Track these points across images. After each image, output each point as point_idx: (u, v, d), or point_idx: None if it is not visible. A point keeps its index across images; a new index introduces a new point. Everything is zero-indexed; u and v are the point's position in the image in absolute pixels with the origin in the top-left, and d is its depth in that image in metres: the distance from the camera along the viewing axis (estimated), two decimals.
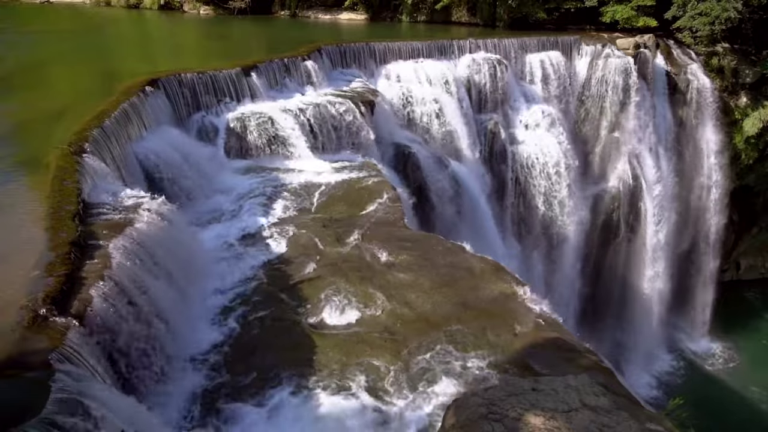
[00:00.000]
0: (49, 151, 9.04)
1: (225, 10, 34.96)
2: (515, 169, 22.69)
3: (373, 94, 17.23)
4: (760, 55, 28.16)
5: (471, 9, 31.02)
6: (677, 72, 27.71)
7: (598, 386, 4.57)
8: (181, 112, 13.64)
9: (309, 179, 12.76)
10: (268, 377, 7.04)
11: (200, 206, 11.42)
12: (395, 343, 7.54)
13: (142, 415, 5.49)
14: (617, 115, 25.84)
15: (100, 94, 12.40)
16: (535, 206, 23.40)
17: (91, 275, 6.29)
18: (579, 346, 7.09)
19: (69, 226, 6.94)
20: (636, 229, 27.43)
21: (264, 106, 14.73)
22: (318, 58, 17.83)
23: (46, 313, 5.39)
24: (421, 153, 17.53)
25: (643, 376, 27.46)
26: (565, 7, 29.08)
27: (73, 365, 5.01)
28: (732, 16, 25.42)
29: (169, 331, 7.05)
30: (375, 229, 10.27)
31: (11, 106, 12.61)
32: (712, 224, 30.04)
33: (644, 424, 4.16)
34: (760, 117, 27.95)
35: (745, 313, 31.74)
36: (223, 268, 9.26)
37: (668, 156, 28.10)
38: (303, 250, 9.65)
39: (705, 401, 24.62)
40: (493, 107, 22.32)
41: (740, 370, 28.22)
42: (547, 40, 24.94)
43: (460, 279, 8.72)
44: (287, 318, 8.12)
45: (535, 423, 4.05)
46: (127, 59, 20.28)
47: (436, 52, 21.38)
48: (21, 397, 4.54)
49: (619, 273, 27.82)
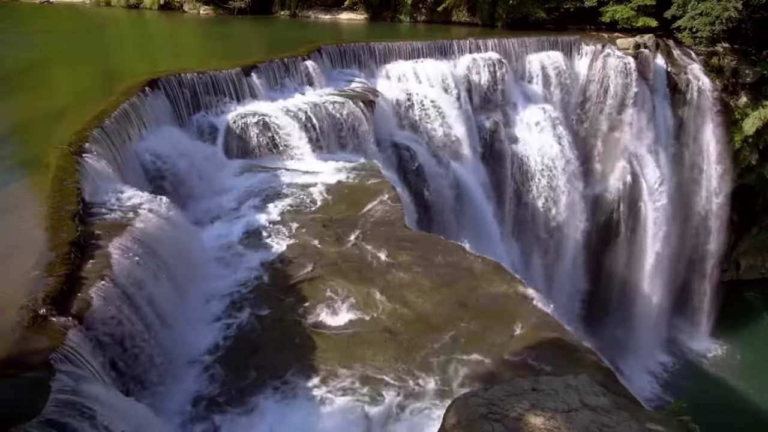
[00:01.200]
0: (49, 151, 9.03)
1: (225, 10, 34.95)
2: (515, 169, 22.68)
3: (373, 94, 17.23)
4: (760, 55, 28.14)
5: (471, 9, 31.02)
6: (677, 72, 27.71)
7: (598, 386, 4.57)
8: (181, 112, 13.64)
9: (309, 179, 12.75)
10: (268, 377, 7.04)
11: (200, 206, 11.41)
12: (395, 343, 7.54)
13: (142, 415, 5.49)
14: (617, 115, 25.83)
15: (100, 94, 12.40)
16: (534, 206, 23.40)
17: (91, 275, 6.29)
18: (579, 346, 7.10)
19: (69, 226, 6.94)
20: (636, 229, 27.43)
21: (264, 106, 14.72)
22: (318, 58, 17.83)
23: (46, 313, 5.39)
24: (421, 153, 17.53)
25: (643, 376, 27.46)
26: (565, 7, 29.07)
27: (73, 365, 5.01)
28: (732, 16, 25.40)
29: (169, 331, 7.05)
30: (375, 229, 10.27)
31: (11, 106, 12.62)
32: (712, 224, 30.03)
33: (644, 424, 4.16)
34: (760, 117, 27.92)
35: (745, 313, 31.73)
36: (223, 267, 9.26)
37: (668, 156, 28.10)
38: (303, 250, 9.65)
39: (705, 401, 24.63)
40: (493, 107, 22.31)
41: (740, 369, 28.21)
42: (547, 40, 24.93)
43: (460, 279, 8.72)
44: (287, 318, 8.12)
45: (535, 423, 4.05)
46: (127, 59, 20.28)
47: (436, 52, 21.37)
48: (21, 397, 4.54)
49: (619, 273, 27.81)
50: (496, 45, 23.03)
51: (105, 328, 5.95)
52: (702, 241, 30.30)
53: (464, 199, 18.16)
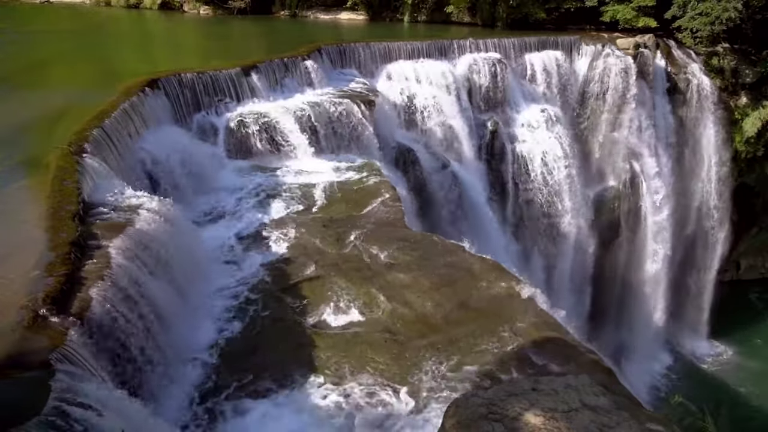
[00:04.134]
0: (50, 151, 9.04)
1: (225, 10, 34.94)
2: (515, 169, 22.68)
3: (373, 93, 17.22)
4: (760, 55, 28.14)
5: (471, 9, 31.02)
6: (677, 72, 27.71)
7: (598, 386, 4.56)
8: (182, 111, 13.64)
9: (309, 179, 12.76)
10: (268, 377, 7.05)
11: (200, 206, 11.42)
12: (395, 343, 7.54)
13: (142, 415, 5.49)
14: (617, 115, 25.82)
15: (100, 93, 12.38)
16: (534, 206, 23.40)
17: (91, 275, 6.29)
18: (579, 346, 7.10)
19: (69, 226, 6.93)
20: (636, 228, 27.42)
21: (264, 106, 14.72)
22: (318, 58, 17.82)
23: (46, 313, 5.39)
24: (421, 153, 17.54)
25: (644, 376, 27.45)
26: (565, 7, 29.06)
27: (73, 365, 5.01)
28: (732, 16, 25.39)
29: (168, 331, 7.05)
30: (375, 229, 10.27)
31: (11, 105, 12.60)
32: (711, 224, 30.03)
33: (644, 424, 4.15)
34: (760, 117, 27.93)
35: (745, 313, 31.71)
36: (223, 267, 9.26)
37: (668, 156, 28.08)
38: (303, 250, 9.65)
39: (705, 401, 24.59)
40: (493, 107, 22.31)
41: (740, 369, 28.21)
42: (547, 40, 24.93)
43: (460, 279, 8.72)
44: (287, 318, 8.13)
45: (535, 423, 4.04)
46: (127, 59, 20.28)
47: (436, 52, 21.37)
48: (21, 397, 4.54)
49: (619, 272, 27.80)
50: (497, 45, 23.02)
51: (105, 327, 5.95)
52: (702, 241, 30.30)
53: (464, 198, 18.16)
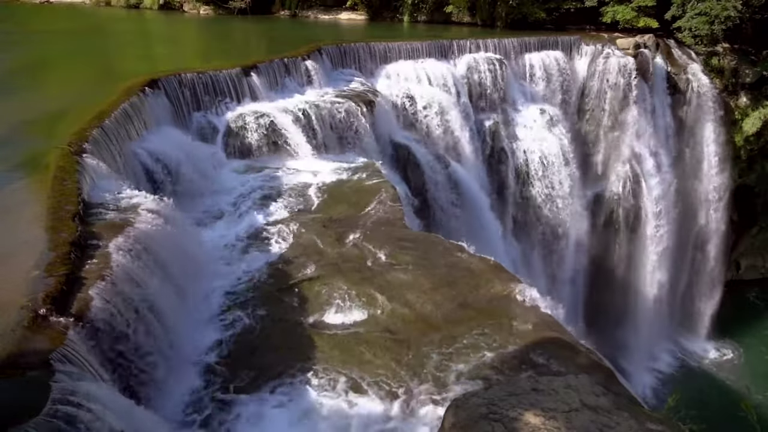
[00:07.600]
0: (49, 151, 9.03)
1: (225, 10, 34.97)
2: (515, 169, 22.69)
3: (373, 94, 17.23)
4: (760, 55, 28.16)
5: (471, 9, 31.04)
6: (677, 72, 27.72)
7: (598, 386, 4.56)
8: (182, 111, 13.65)
9: (309, 179, 12.76)
10: (268, 377, 7.04)
11: (200, 206, 11.41)
12: (396, 344, 7.53)
13: (141, 415, 5.49)
14: (617, 115, 25.85)
15: (100, 93, 12.38)
16: (535, 206, 23.41)
17: (91, 275, 6.28)
18: (579, 346, 7.10)
19: (69, 226, 6.93)
20: (636, 228, 27.44)
21: (264, 106, 14.73)
22: (318, 58, 17.83)
23: (46, 313, 5.39)
24: (421, 153, 17.53)
25: (644, 376, 27.46)
26: (565, 7, 29.09)
27: (73, 365, 5.01)
28: (732, 15, 25.42)
29: (169, 331, 7.05)
30: (375, 229, 10.26)
31: (11, 105, 12.60)
32: (712, 224, 30.03)
33: (644, 424, 4.15)
34: (760, 117, 27.95)
35: (746, 313, 31.73)
36: (223, 267, 9.25)
37: (668, 156, 28.10)
38: (303, 250, 9.65)
39: (705, 401, 24.59)
40: (493, 107, 22.33)
41: (740, 369, 28.21)
42: (547, 40, 24.95)
43: (460, 279, 8.71)
44: (287, 318, 8.12)
45: (535, 423, 4.04)
46: (127, 59, 20.27)
47: (436, 52, 21.38)
48: (21, 397, 4.53)
49: (619, 273, 27.83)
50: (497, 45, 23.04)
51: (105, 327, 5.94)
52: (702, 241, 30.30)
53: (464, 198, 18.15)
